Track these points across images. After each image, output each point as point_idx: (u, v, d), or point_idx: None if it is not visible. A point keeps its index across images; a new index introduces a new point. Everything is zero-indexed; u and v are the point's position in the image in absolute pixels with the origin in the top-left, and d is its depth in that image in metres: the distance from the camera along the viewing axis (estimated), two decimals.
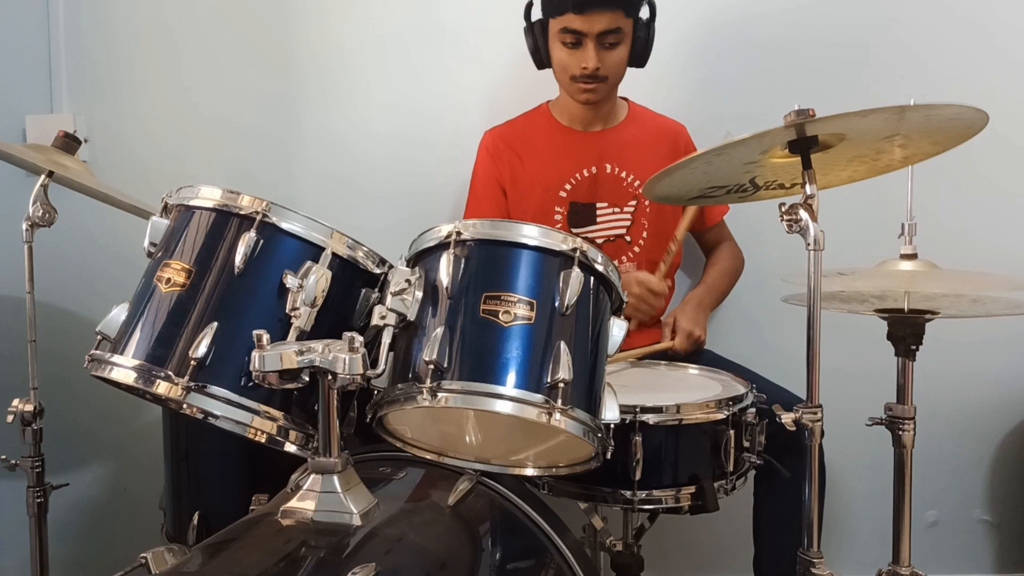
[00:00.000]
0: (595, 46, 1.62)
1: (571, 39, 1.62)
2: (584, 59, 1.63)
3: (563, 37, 1.63)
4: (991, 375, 2.04)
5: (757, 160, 1.18)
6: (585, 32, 1.61)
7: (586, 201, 1.79)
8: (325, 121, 2.04)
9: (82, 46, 2.03)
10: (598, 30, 1.60)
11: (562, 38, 1.64)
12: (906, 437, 1.31)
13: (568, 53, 1.65)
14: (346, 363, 0.92)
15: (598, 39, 1.62)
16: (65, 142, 1.58)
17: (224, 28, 2.03)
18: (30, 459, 1.51)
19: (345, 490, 0.98)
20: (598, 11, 1.59)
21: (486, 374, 0.96)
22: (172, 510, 1.50)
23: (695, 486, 1.23)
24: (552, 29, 1.65)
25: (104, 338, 1.05)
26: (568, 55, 1.65)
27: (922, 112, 1.06)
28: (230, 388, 0.99)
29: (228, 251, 1.03)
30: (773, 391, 1.44)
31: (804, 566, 1.10)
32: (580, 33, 1.61)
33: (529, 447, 1.13)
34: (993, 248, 1.95)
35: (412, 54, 2.02)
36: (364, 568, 0.84)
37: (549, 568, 1.16)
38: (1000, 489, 2.09)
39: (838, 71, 1.98)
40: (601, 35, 1.61)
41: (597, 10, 1.59)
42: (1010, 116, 1.83)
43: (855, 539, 2.07)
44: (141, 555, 1.10)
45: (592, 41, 1.62)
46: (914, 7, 1.98)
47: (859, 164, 1.25)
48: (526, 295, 0.99)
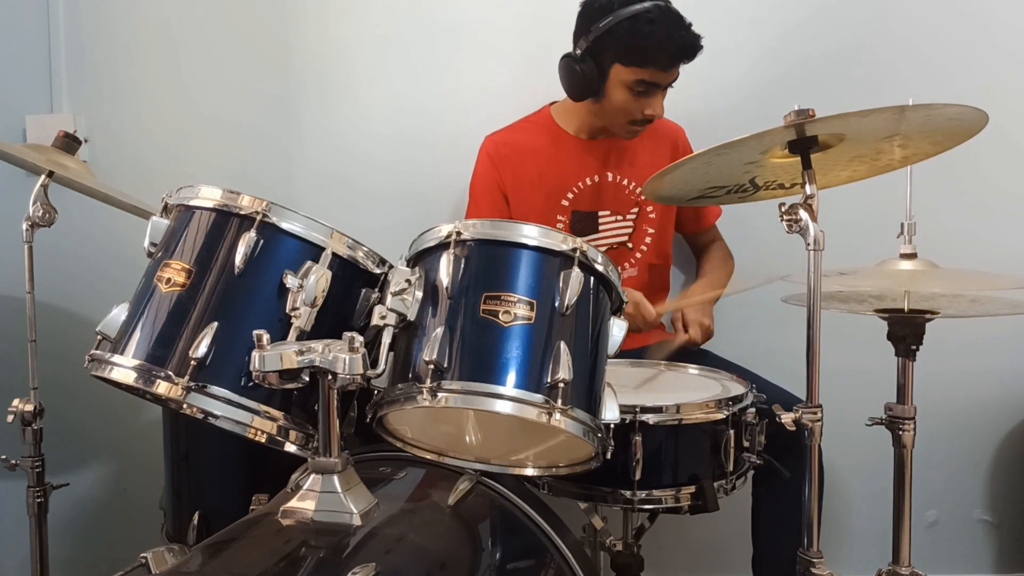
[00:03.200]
0: (662, 95, 1.65)
1: (644, 88, 1.62)
2: (652, 107, 1.64)
3: (637, 87, 1.61)
4: (991, 375, 2.04)
5: (757, 160, 1.18)
6: (661, 84, 1.62)
7: (588, 210, 1.79)
8: (325, 121, 2.04)
9: (82, 46, 2.03)
10: (669, 80, 1.63)
11: (635, 87, 1.61)
12: (906, 437, 1.31)
13: (634, 100, 1.63)
14: (346, 363, 0.92)
15: (665, 86, 1.64)
16: (65, 142, 1.58)
17: (224, 28, 2.03)
18: (30, 459, 1.52)
19: (345, 490, 0.98)
20: (678, 65, 1.61)
21: (486, 374, 0.96)
22: (172, 510, 1.49)
23: (695, 486, 1.23)
24: (620, 76, 1.61)
25: (104, 338, 1.05)
26: (635, 102, 1.63)
27: (922, 112, 1.06)
28: (230, 388, 0.99)
29: (228, 251, 1.03)
30: (773, 391, 1.44)
31: (804, 566, 1.09)
32: (655, 85, 1.62)
33: (529, 447, 1.13)
34: (993, 248, 1.95)
35: (412, 54, 2.02)
36: (364, 568, 0.84)
37: (549, 568, 1.16)
38: (1000, 489, 2.09)
39: (838, 71, 1.97)
40: (669, 83, 1.64)
41: (679, 65, 1.60)
42: (1010, 115, 1.84)
43: (855, 539, 2.07)
44: (141, 555, 1.10)
45: (662, 91, 1.64)
46: (914, 6, 1.98)
47: (859, 164, 1.25)
48: (526, 295, 0.99)
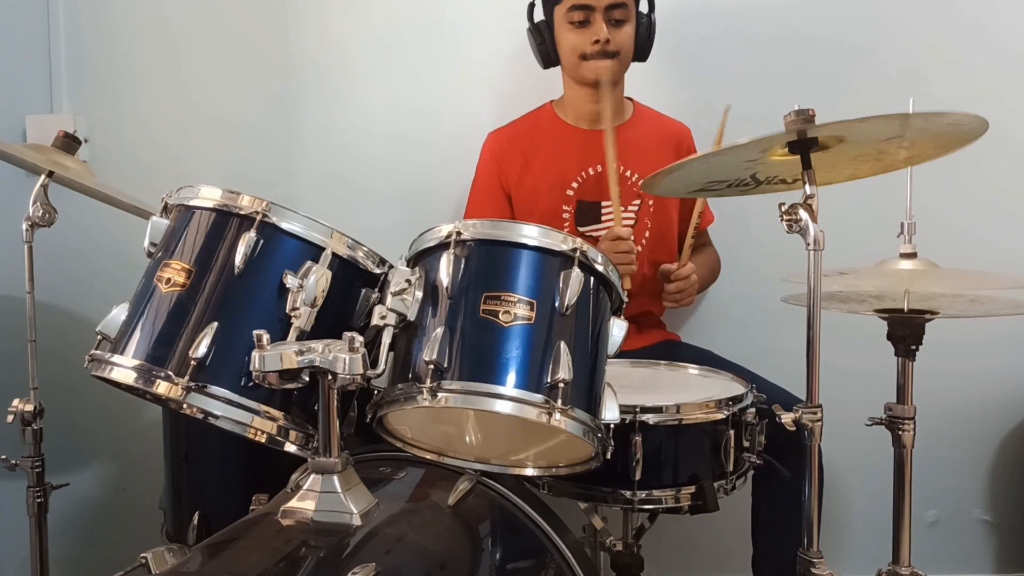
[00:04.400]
0: (604, 20, 1.66)
1: (580, 16, 1.66)
2: (595, 33, 1.66)
3: (571, 16, 1.67)
4: (991, 375, 2.04)
5: (758, 158, 1.18)
6: (594, 6, 1.65)
7: (592, 199, 1.79)
8: (325, 121, 2.04)
9: (82, 46, 2.03)
10: (606, 3, 1.65)
11: (570, 17, 1.67)
12: (906, 437, 1.31)
13: (577, 32, 1.68)
14: (346, 363, 0.92)
15: (606, 13, 1.66)
16: (65, 142, 1.58)
17: (224, 28, 2.03)
18: (30, 459, 1.51)
19: (345, 490, 0.98)
20: None
21: (486, 374, 0.96)
22: (172, 510, 1.49)
23: (695, 486, 1.23)
24: (558, 15, 1.70)
25: (104, 338, 1.05)
26: (578, 34, 1.68)
27: (921, 119, 1.06)
28: (230, 388, 0.99)
29: (228, 251, 1.03)
30: (773, 391, 1.44)
31: (804, 566, 1.09)
32: (589, 8, 1.65)
33: (529, 447, 1.13)
34: (993, 248, 1.95)
35: (412, 54, 2.02)
36: (364, 568, 0.84)
37: (549, 568, 1.16)
38: (1000, 489, 2.09)
39: (838, 70, 1.97)
40: (608, 9, 1.66)
41: None
42: (1011, 116, 1.84)
43: (855, 539, 2.07)
44: (141, 555, 1.11)
45: (600, 15, 1.66)
46: (915, 6, 1.98)
47: (862, 162, 1.25)
48: (526, 295, 0.99)
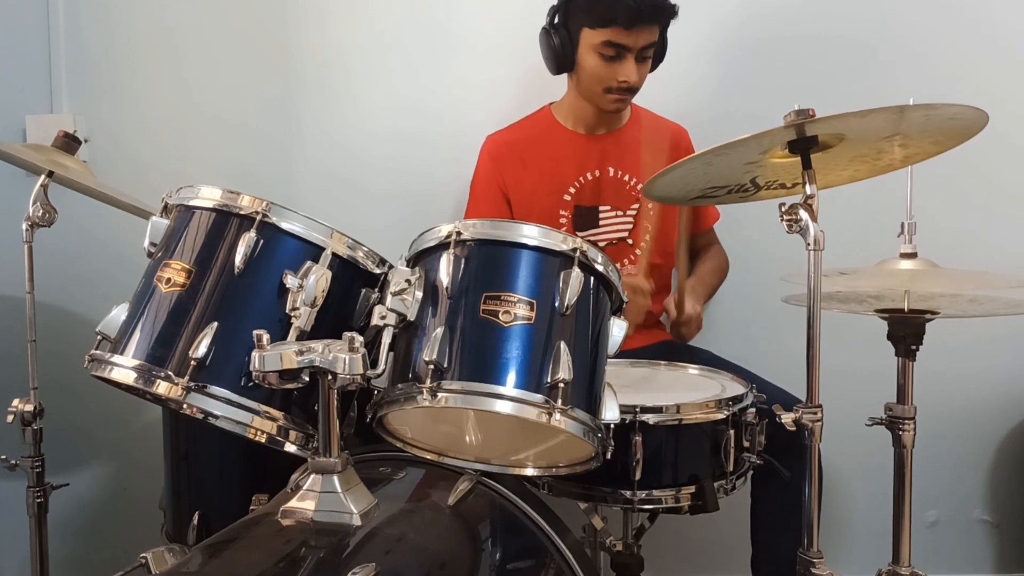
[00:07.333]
0: (635, 60, 1.64)
1: (612, 52, 1.62)
2: (625, 73, 1.64)
3: (604, 50, 1.62)
4: (991, 375, 2.04)
5: (757, 160, 1.18)
6: (629, 47, 1.62)
7: (590, 204, 1.79)
8: (325, 121, 2.04)
9: (82, 46, 2.03)
10: (641, 44, 1.62)
11: (603, 51, 1.62)
12: (906, 437, 1.31)
13: (607, 66, 1.64)
14: (346, 363, 0.92)
15: (638, 53, 1.63)
16: (65, 142, 1.58)
17: (224, 28, 2.03)
18: (30, 459, 1.51)
19: (345, 490, 0.98)
20: (646, 26, 1.60)
21: (486, 374, 0.96)
22: (172, 510, 1.49)
23: (695, 486, 1.23)
24: (589, 40, 1.63)
25: (104, 338, 1.05)
26: (606, 67, 1.64)
27: (921, 112, 1.06)
28: (230, 388, 0.99)
29: (228, 251, 1.03)
30: (773, 391, 1.44)
31: (804, 566, 1.09)
32: (623, 47, 1.62)
33: (529, 447, 1.13)
34: (993, 248, 1.95)
35: (412, 54, 2.02)
36: (364, 568, 0.83)
37: (549, 568, 1.16)
38: (1000, 489, 2.09)
39: (838, 70, 1.98)
40: (642, 49, 1.63)
41: (645, 25, 1.60)
42: (1010, 116, 1.84)
43: (855, 539, 2.07)
44: (141, 555, 1.10)
45: (633, 55, 1.63)
46: (915, 6, 1.98)
47: (860, 164, 1.25)
48: (526, 295, 0.99)
